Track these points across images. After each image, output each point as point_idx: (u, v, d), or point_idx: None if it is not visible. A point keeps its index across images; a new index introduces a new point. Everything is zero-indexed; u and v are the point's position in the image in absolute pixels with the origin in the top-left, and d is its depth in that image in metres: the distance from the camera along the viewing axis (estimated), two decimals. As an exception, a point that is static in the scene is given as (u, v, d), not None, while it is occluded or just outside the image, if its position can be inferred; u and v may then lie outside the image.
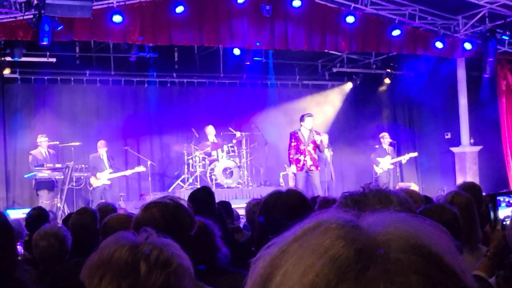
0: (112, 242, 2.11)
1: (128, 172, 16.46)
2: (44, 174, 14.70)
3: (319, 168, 14.76)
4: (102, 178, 15.57)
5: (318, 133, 14.68)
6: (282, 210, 3.36)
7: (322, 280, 0.79)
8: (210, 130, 17.25)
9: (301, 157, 14.43)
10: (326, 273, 0.80)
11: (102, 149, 15.88)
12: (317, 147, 14.61)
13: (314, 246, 0.83)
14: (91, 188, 15.61)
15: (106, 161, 15.81)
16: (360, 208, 2.05)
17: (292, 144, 14.53)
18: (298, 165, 14.42)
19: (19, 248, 6.39)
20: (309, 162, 14.45)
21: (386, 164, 17.01)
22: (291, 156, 14.52)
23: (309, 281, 0.80)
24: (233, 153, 17.06)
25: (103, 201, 13.79)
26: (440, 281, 0.80)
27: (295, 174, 14.64)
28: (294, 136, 14.59)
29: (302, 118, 14.73)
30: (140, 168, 16.35)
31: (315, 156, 14.65)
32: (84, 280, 2.06)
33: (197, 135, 17.35)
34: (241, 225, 8.04)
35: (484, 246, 4.17)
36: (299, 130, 14.62)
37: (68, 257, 5.09)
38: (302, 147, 14.43)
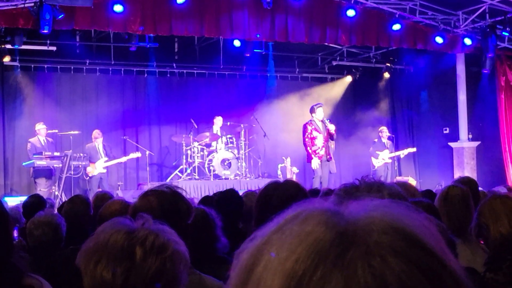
0: (108, 227, 2.12)
1: (123, 159, 16.44)
2: (43, 162, 14.70)
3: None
4: (98, 167, 15.57)
5: (330, 121, 14.68)
6: (279, 200, 3.36)
7: (301, 266, 0.79)
8: (218, 121, 17.28)
9: (322, 149, 14.42)
10: (305, 259, 0.79)
11: (98, 139, 15.89)
12: (330, 136, 14.59)
13: (295, 232, 0.83)
14: (88, 177, 15.60)
15: (101, 151, 15.80)
16: (351, 199, 2.07)
17: (312, 134, 14.44)
18: (319, 156, 14.39)
19: (15, 233, 6.38)
20: (326, 153, 14.46)
21: (384, 158, 17.03)
22: (313, 148, 14.41)
23: (289, 267, 0.80)
24: (231, 145, 17.06)
25: (100, 190, 13.82)
26: (421, 262, 0.79)
27: (315, 171, 14.55)
28: (312, 126, 14.51)
29: (312, 109, 14.69)
30: (136, 154, 16.36)
31: (330, 146, 14.67)
32: (80, 265, 2.07)
33: (196, 126, 17.36)
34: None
35: (479, 239, 4.20)
36: (313, 121, 14.59)
37: (63, 244, 5.10)
38: (320, 137, 14.40)
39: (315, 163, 14.45)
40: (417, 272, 0.78)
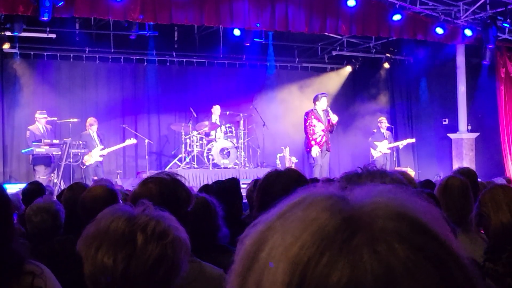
0: (108, 213, 2.13)
1: (119, 146, 16.35)
2: (42, 149, 14.67)
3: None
4: (94, 156, 15.50)
5: (333, 113, 14.64)
6: (281, 188, 3.36)
7: (306, 252, 0.78)
8: (216, 110, 17.29)
9: (323, 138, 14.38)
10: (310, 246, 0.78)
11: (93, 126, 15.80)
12: (331, 127, 14.57)
13: (300, 219, 0.82)
14: (84, 166, 15.48)
15: (96, 139, 15.74)
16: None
17: (313, 123, 14.40)
18: (319, 145, 14.35)
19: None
20: (326, 142, 14.44)
21: (383, 148, 17.04)
22: (313, 136, 14.35)
23: (293, 254, 0.79)
24: (230, 134, 17.07)
25: (96, 178, 13.81)
26: (427, 248, 0.78)
27: (315, 159, 14.51)
28: (314, 115, 14.46)
29: (316, 98, 14.66)
30: (131, 141, 16.28)
31: (329, 136, 14.66)
32: (81, 251, 2.08)
33: (195, 115, 17.36)
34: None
35: (480, 228, 4.22)
36: (315, 109, 14.56)
37: (62, 231, 5.08)
38: (321, 126, 14.37)
39: (315, 151, 14.42)
40: (423, 258, 0.78)
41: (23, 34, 15.65)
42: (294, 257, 0.79)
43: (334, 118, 14.52)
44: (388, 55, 19.70)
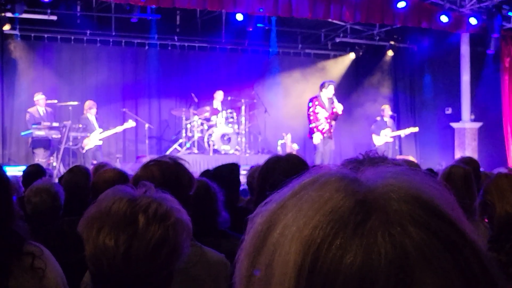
0: (110, 195, 2.12)
1: (119, 129, 16.26)
2: (41, 132, 14.66)
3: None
4: (93, 139, 15.44)
5: (338, 102, 14.52)
6: (281, 173, 3.35)
7: (319, 233, 0.77)
8: (218, 96, 17.27)
9: (325, 125, 14.30)
10: (324, 226, 0.78)
11: (92, 109, 15.74)
12: (334, 116, 14.46)
13: (313, 199, 0.81)
14: (84, 150, 15.42)
15: (95, 122, 15.67)
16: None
17: (316, 110, 14.31)
18: (321, 132, 14.27)
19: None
20: (329, 130, 14.36)
21: (386, 136, 17.02)
22: (316, 123, 14.25)
23: (306, 235, 0.78)
24: (231, 120, 17.05)
25: (95, 162, 13.77)
26: (441, 232, 0.78)
27: (316, 146, 14.42)
28: (318, 101, 14.37)
29: (323, 85, 14.47)
30: (130, 124, 16.19)
31: (333, 124, 14.56)
32: (82, 232, 2.07)
33: (196, 100, 17.34)
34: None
35: (484, 217, 4.21)
36: (319, 96, 14.45)
37: (61, 212, 5.09)
38: (324, 114, 14.30)
39: (317, 138, 14.30)
40: (437, 242, 0.77)
41: (24, 15, 15.61)
42: (307, 238, 0.78)
43: (339, 108, 14.37)
44: (392, 42, 19.66)
